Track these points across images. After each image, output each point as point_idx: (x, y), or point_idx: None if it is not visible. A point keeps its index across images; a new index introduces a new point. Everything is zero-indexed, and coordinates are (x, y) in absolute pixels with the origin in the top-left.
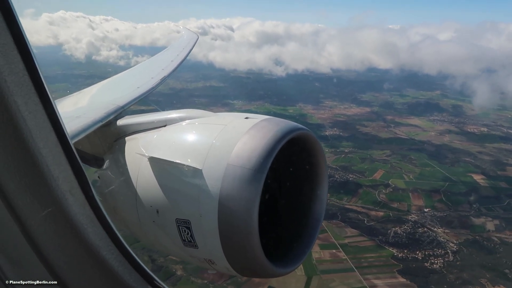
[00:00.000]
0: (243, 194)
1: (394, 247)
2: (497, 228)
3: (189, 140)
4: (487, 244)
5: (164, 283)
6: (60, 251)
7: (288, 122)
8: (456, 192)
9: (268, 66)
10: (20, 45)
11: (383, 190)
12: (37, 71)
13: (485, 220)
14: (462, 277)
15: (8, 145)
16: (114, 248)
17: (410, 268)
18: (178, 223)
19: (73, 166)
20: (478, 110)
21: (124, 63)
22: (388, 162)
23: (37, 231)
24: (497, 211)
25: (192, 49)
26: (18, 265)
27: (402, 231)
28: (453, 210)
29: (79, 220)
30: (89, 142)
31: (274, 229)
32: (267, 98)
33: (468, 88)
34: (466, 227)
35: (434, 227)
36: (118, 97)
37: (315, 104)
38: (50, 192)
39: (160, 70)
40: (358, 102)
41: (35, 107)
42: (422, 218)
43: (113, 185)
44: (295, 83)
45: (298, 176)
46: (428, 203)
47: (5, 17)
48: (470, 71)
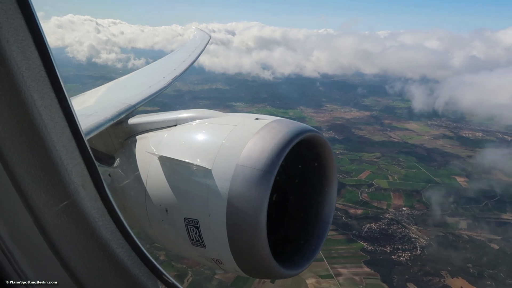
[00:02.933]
0: (252, 195)
1: (366, 241)
2: (469, 227)
3: (199, 140)
4: (456, 240)
5: (173, 278)
6: (71, 244)
7: (298, 124)
8: (437, 193)
9: (255, 70)
10: (38, 41)
11: (366, 189)
12: (53, 67)
13: (459, 219)
14: (425, 269)
15: (24, 139)
16: (124, 242)
17: (377, 260)
18: (187, 222)
19: (86, 161)
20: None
21: (121, 65)
22: (376, 163)
23: (50, 223)
24: (473, 211)
25: (204, 49)
26: (31, 257)
27: (376, 227)
28: (431, 210)
29: (91, 214)
30: (101, 140)
31: (283, 230)
32: (270, 101)
33: (407, 91)
34: (439, 225)
35: (409, 225)
36: (129, 96)
37: (317, 107)
38: (64, 186)
39: (171, 70)
40: (360, 106)
41: (51, 102)
42: (399, 216)
43: (123, 183)
44: (298, 87)
45: (307, 177)
46: (408, 203)
47: (24, 13)
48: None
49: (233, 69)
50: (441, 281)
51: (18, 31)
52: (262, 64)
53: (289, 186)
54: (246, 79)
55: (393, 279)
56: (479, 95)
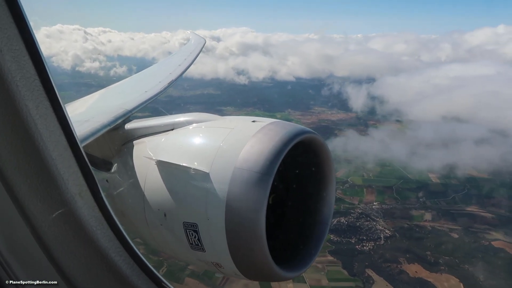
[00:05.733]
0: (251, 198)
1: (333, 233)
2: (433, 218)
3: (196, 144)
4: (419, 231)
5: (172, 285)
6: (69, 253)
7: (295, 125)
8: (407, 188)
9: (230, 75)
10: (31, 50)
11: (340, 186)
12: (48, 76)
13: (425, 212)
14: (385, 256)
15: (20, 148)
16: (123, 250)
17: (341, 249)
18: (186, 227)
19: (82, 169)
20: None
21: (103, 73)
22: (352, 162)
23: (47, 232)
24: (441, 204)
25: (199, 53)
26: (28, 266)
27: (345, 221)
28: (400, 204)
29: (88, 222)
30: (97, 145)
31: (282, 233)
32: (259, 105)
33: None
34: (406, 217)
35: (377, 218)
36: (126, 101)
37: (305, 110)
38: (60, 194)
39: (167, 74)
40: (346, 108)
41: (46, 111)
42: (369, 210)
43: (121, 189)
44: (288, 91)
45: (305, 179)
46: (379, 198)
47: (17, 23)
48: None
49: (211, 74)
50: (398, 267)
51: (11, 41)
52: (238, 69)
53: (288, 188)
54: (235, 84)
55: (354, 266)
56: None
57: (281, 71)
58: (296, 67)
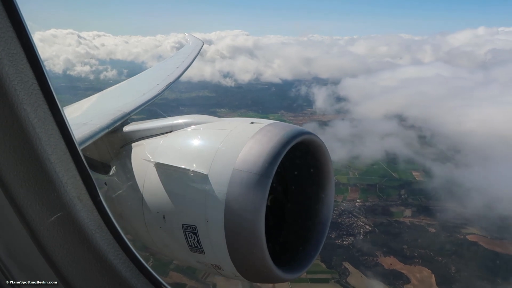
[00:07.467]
0: (250, 199)
1: None
2: (413, 214)
3: (195, 146)
4: (398, 226)
5: (171, 287)
6: (68, 256)
7: (294, 127)
8: (391, 186)
9: (216, 78)
10: (29, 54)
11: None
12: (46, 79)
13: (405, 208)
14: (362, 250)
15: (18, 152)
16: (122, 253)
17: None
18: (185, 229)
19: (81, 173)
20: None
21: (93, 77)
22: (339, 160)
23: (46, 236)
24: (422, 200)
25: (197, 55)
26: (27, 270)
27: None
28: (382, 201)
29: (87, 225)
30: (96, 148)
31: (281, 234)
32: (253, 107)
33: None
34: (387, 214)
35: (359, 215)
36: (124, 103)
37: (298, 111)
38: (59, 197)
39: (165, 77)
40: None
41: (44, 114)
42: (351, 207)
43: (120, 191)
44: (282, 92)
45: (304, 180)
46: (362, 196)
47: (15, 27)
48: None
49: (198, 77)
50: (374, 260)
51: (9, 45)
52: (223, 72)
53: (287, 189)
54: (230, 86)
55: (332, 260)
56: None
57: (266, 73)
58: (281, 69)
